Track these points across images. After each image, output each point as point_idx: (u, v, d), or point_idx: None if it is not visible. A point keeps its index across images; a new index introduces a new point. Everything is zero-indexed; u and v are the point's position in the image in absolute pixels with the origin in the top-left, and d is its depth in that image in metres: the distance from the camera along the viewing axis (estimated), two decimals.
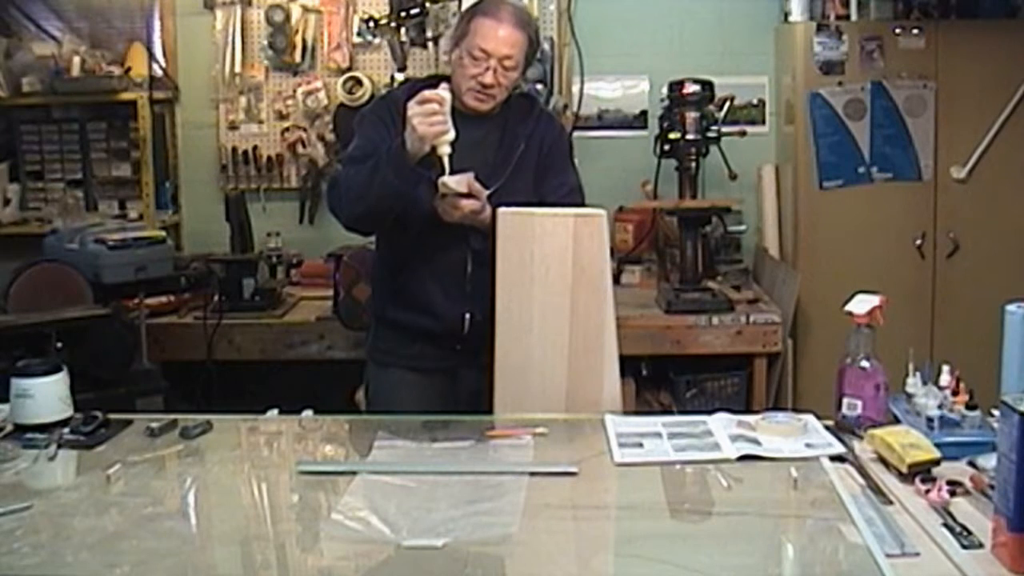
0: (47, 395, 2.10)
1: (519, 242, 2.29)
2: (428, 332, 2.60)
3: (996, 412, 1.68)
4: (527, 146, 2.56)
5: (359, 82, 4.11)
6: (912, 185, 3.92)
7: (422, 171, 2.35)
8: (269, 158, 4.26)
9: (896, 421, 2.01)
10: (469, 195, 2.36)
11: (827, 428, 2.04)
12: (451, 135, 2.34)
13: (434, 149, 2.34)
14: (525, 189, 2.53)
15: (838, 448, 1.93)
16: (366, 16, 4.04)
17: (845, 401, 2.05)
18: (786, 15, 4.09)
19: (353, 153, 2.52)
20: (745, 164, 3.93)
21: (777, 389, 3.65)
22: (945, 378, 2.02)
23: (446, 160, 2.35)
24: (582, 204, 2.59)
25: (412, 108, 2.33)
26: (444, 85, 2.42)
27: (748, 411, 2.72)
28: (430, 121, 2.31)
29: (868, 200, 3.92)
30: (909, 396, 2.04)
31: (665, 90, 3.64)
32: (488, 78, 2.47)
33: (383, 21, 3.94)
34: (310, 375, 3.70)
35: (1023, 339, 1.88)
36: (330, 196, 2.58)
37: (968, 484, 1.73)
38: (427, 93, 2.35)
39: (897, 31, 3.86)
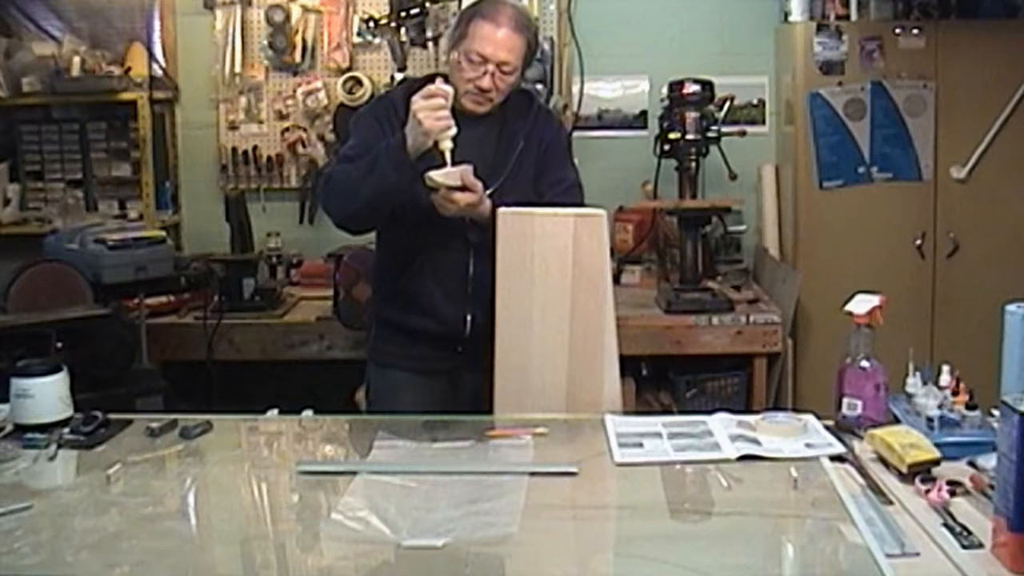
0: (47, 395, 2.09)
1: (519, 242, 2.29)
2: (429, 334, 2.60)
3: (996, 412, 1.68)
4: (526, 143, 2.56)
5: (359, 82, 4.11)
6: (912, 185, 3.92)
7: (420, 167, 2.35)
8: (269, 158, 4.26)
9: (896, 421, 2.01)
10: (463, 188, 2.36)
11: (827, 428, 2.04)
12: (453, 130, 2.34)
13: (436, 144, 2.34)
14: (525, 186, 2.53)
15: (838, 448, 1.93)
16: (366, 16, 4.04)
17: (845, 401, 2.05)
18: (786, 15, 4.09)
19: (347, 152, 2.52)
20: (745, 164, 3.92)
21: (777, 389, 3.65)
22: (945, 378, 2.02)
23: (448, 154, 2.35)
24: (581, 200, 2.60)
25: (418, 103, 2.32)
26: (440, 80, 2.42)
27: (748, 411, 2.72)
28: (436, 116, 2.31)
29: (868, 200, 3.92)
30: (909, 396, 2.04)
31: (665, 90, 3.64)
32: (485, 82, 2.46)
33: (383, 21, 3.94)
34: (310, 375, 3.70)
35: (1023, 339, 1.88)
36: (323, 193, 2.59)
37: (968, 484, 1.73)
38: (432, 88, 2.34)
39: (897, 31, 3.86)
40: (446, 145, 2.34)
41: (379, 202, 2.43)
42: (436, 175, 2.33)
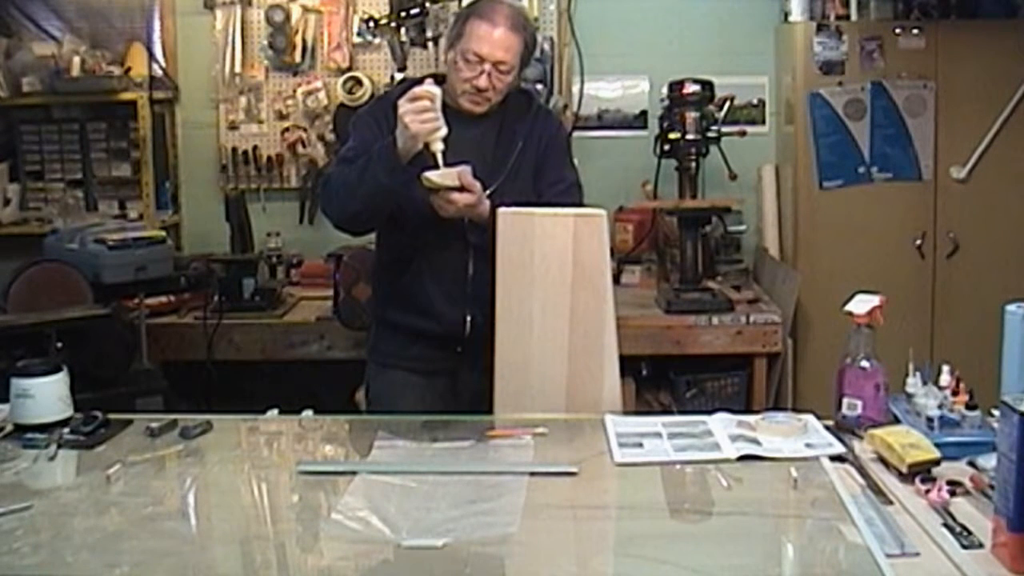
0: (47, 395, 2.09)
1: (519, 242, 2.29)
2: (429, 334, 2.60)
3: (996, 412, 1.68)
4: (525, 144, 2.56)
5: (359, 82, 4.11)
6: (912, 185, 3.92)
7: (412, 169, 2.35)
8: (269, 158, 4.26)
9: (896, 421, 2.01)
10: (462, 189, 2.36)
11: (827, 428, 2.04)
12: (443, 131, 2.33)
13: (427, 146, 2.34)
14: (524, 187, 2.53)
15: (838, 448, 1.93)
16: (366, 16, 4.04)
17: (845, 401, 2.05)
18: (786, 15, 4.09)
19: (346, 154, 2.52)
20: (745, 164, 3.92)
21: (777, 389, 3.65)
22: (945, 378, 2.02)
23: (439, 156, 2.34)
24: (581, 200, 2.60)
25: (403, 106, 2.32)
26: (429, 81, 2.41)
27: (748, 411, 2.72)
28: (422, 118, 2.31)
29: (868, 200, 3.92)
30: (909, 396, 2.04)
31: (665, 90, 3.64)
32: (482, 82, 2.46)
33: (383, 21, 3.94)
34: (310, 375, 3.70)
35: (1023, 339, 1.88)
36: (322, 195, 2.59)
37: (968, 484, 1.73)
38: (417, 90, 2.34)
39: (897, 31, 3.86)
40: (437, 147, 2.34)
41: (374, 204, 2.43)
42: (434, 176, 2.33)
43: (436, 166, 2.34)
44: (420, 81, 2.48)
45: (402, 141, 2.33)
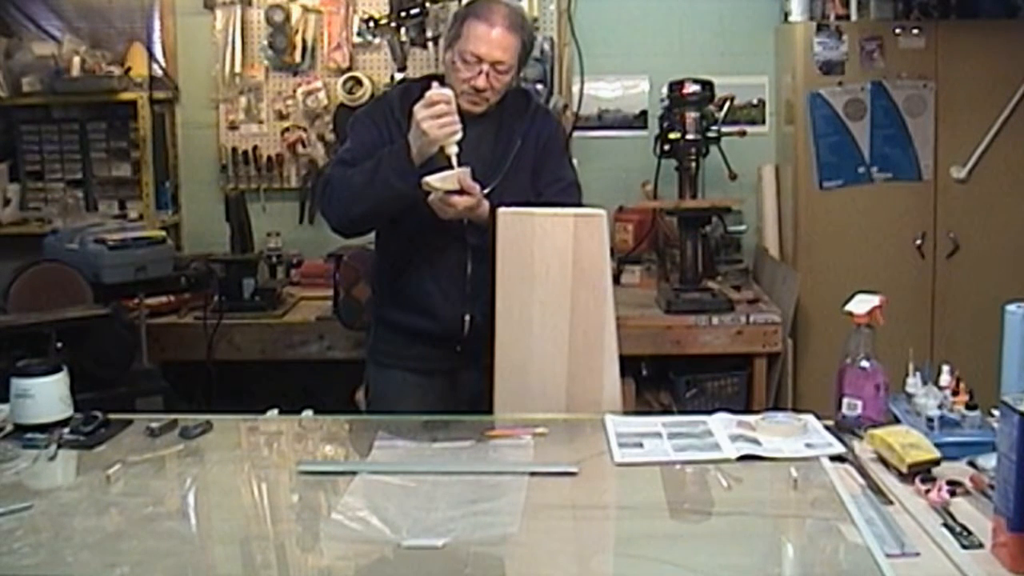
0: (47, 395, 2.10)
1: (519, 242, 2.29)
2: (428, 334, 2.60)
3: (996, 412, 1.68)
4: (523, 143, 2.56)
5: (359, 82, 4.11)
6: (912, 185, 3.92)
7: (424, 172, 2.35)
8: (269, 158, 4.26)
9: (896, 421, 2.01)
10: (462, 192, 2.36)
11: (827, 428, 2.04)
12: (459, 134, 2.35)
13: (441, 148, 2.34)
14: (523, 186, 2.53)
15: (838, 448, 1.93)
16: (366, 16, 4.04)
17: (845, 401, 2.05)
18: (786, 15, 4.09)
19: (343, 155, 2.52)
20: (745, 164, 3.92)
21: (777, 389, 3.65)
22: (945, 378, 2.02)
23: (454, 159, 2.35)
24: (579, 199, 2.60)
25: (420, 112, 2.32)
26: (435, 84, 2.42)
27: (748, 411, 2.72)
28: (440, 123, 2.32)
29: (868, 200, 3.92)
30: (909, 396, 2.05)
31: (665, 90, 3.64)
32: (480, 82, 2.47)
33: (383, 21, 3.94)
34: (310, 375, 3.70)
35: (1023, 339, 1.88)
36: (321, 198, 2.58)
37: (968, 484, 1.73)
38: (433, 95, 2.34)
39: (897, 31, 3.86)
40: (452, 150, 2.35)
41: (382, 208, 2.44)
42: (434, 180, 2.33)
43: (449, 167, 2.34)
44: (419, 82, 2.48)
45: (417, 145, 2.33)
